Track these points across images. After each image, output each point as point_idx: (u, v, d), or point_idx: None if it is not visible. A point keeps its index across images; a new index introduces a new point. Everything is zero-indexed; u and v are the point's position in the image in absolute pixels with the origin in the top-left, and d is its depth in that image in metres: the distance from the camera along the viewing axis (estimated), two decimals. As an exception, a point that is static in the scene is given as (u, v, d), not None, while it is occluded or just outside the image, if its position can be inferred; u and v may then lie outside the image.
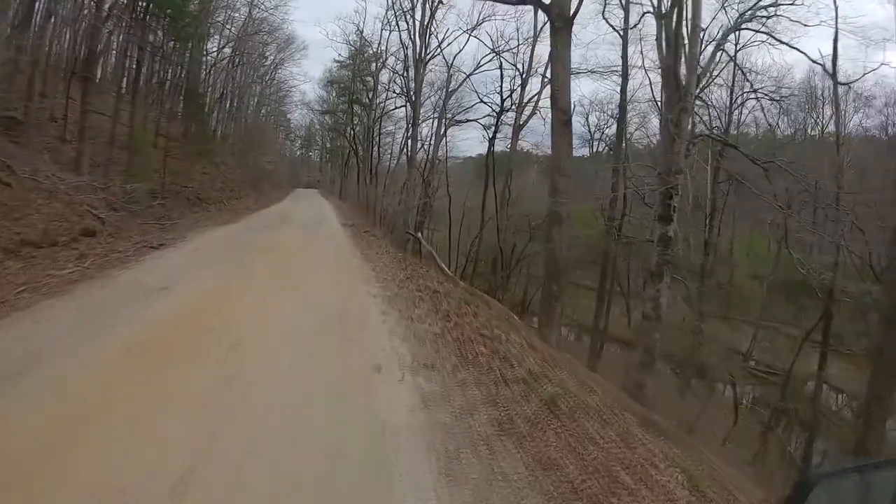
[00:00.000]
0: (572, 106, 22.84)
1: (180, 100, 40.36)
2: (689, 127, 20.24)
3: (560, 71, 21.45)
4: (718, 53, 25.40)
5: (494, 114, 39.87)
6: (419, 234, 29.44)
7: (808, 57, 25.52)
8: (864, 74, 25.82)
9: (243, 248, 18.55)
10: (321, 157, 77.21)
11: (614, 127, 37.87)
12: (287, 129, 72.88)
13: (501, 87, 38.79)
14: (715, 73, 28.04)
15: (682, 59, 18.76)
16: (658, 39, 21.06)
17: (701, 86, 24.08)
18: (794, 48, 24.76)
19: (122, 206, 20.21)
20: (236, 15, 43.33)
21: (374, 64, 47.16)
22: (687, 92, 17.98)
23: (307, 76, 79.09)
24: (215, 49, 43.07)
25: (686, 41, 18.66)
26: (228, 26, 43.14)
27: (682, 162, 18.12)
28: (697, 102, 25.15)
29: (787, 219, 25.05)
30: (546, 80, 36.43)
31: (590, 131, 45.99)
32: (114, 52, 32.93)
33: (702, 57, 21.92)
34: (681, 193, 18.40)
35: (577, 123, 46.19)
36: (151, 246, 15.83)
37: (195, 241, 18.57)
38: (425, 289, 14.29)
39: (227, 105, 50.44)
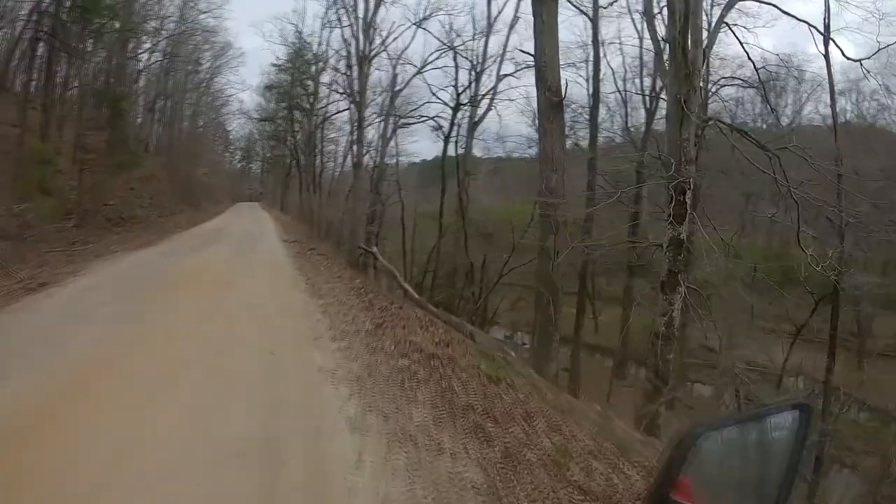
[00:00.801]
0: (564, 85, 18.21)
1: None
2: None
3: (547, 44, 17.76)
4: (721, 28, 20.43)
5: (447, 113, 35.37)
6: (374, 249, 24.03)
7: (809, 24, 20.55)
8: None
9: (151, 284, 13.49)
10: (262, 169, 71.41)
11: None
12: (226, 141, 66.87)
13: (457, 80, 33.60)
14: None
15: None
16: (647, 12, 17.60)
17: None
18: (791, 15, 19.91)
19: (14, 231, 16.37)
20: (168, 17, 38.79)
21: (314, 66, 42.16)
22: (694, 68, 14.12)
23: (245, 84, 72.72)
24: (145, 53, 38.63)
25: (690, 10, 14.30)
26: (162, 30, 38.64)
27: (693, 150, 14.44)
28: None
29: (796, 212, 20.09)
30: (503, 74, 33.30)
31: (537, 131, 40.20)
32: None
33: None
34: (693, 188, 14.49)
35: (522, 125, 41.24)
36: (29, 288, 11.49)
37: (95, 273, 14.01)
38: (413, 350, 8.75)
39: (160, 115, 45.41)
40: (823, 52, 21.34)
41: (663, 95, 20.79)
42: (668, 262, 13.60)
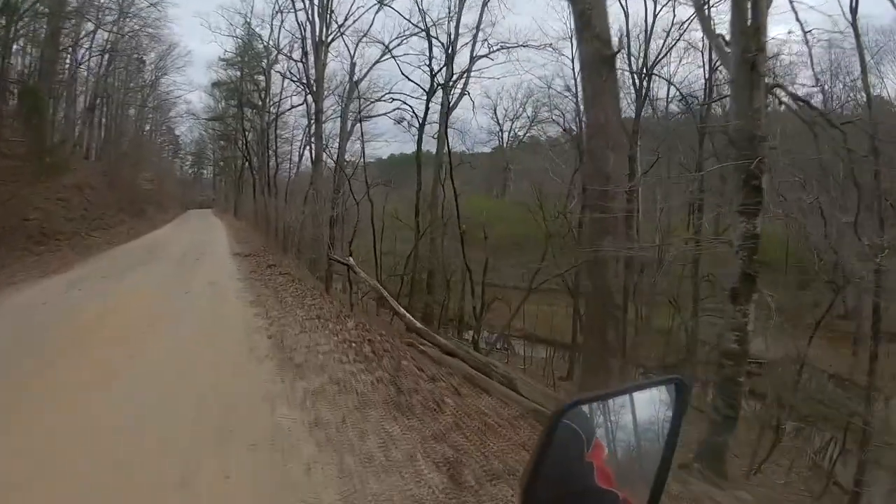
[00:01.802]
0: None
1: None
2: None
3: (595, -18, 12.44)
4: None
5: (413, 102, 30.15)
6: (350, 260, 18.04)
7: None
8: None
9: (28, 348, 7.88)
10: (214, 173, 64.70)
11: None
12: (176, 146, 60.09)
13: (430, 60, 27.80)
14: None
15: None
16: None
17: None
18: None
19: None
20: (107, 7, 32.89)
21: (265, 60, 36.36)
22: (763, 20, 10.76)
23: (193, 84, 65.99)
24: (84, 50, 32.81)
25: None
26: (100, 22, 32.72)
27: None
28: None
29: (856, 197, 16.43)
30: (477, 55, 28.86)
31: (498, 123, 38.20)
32: None
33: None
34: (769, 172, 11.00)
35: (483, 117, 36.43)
36: None
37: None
38: None
39: (100, 117, 39.49)
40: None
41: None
42: (743, 263, 10.08)
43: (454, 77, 28.09)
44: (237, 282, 14.28)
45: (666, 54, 23.28)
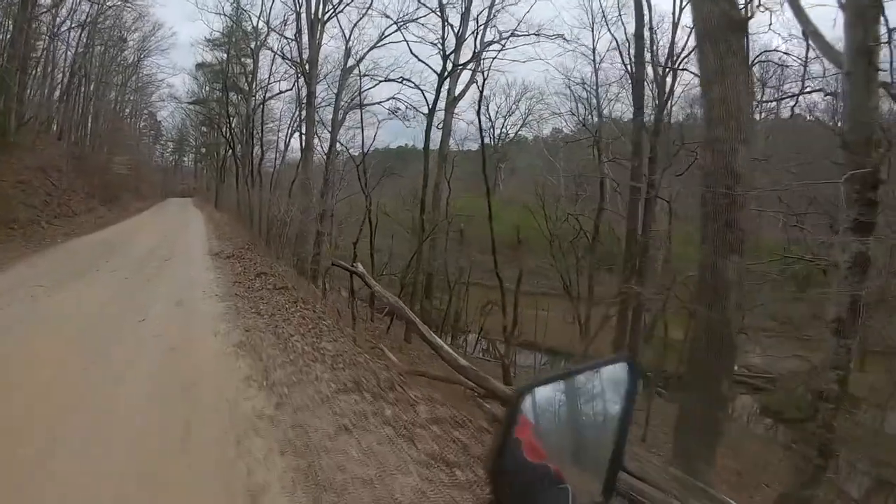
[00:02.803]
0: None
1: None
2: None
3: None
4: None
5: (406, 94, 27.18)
6: (359, 268, 13.51)
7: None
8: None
9: None
10: (195, 161, 59.60)
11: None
12: (157, 132, 54.95)
13: (443, 39, 23.29)
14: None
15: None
16: None
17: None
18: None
19: None
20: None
21: (254, 42, 31.77)
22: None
23: (176, 67, 61.36)
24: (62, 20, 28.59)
25: None
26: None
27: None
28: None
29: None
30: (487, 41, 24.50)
31: (490, 119, 33.73)
32: None
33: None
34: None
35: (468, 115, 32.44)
36: None
37: None
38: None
39: (75, 97, 34.50)
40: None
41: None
42: (852, 287, 8.27)
43: (464, 64, 23.70)
44: (216, 302, 9.56)
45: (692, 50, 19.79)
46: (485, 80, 22.32)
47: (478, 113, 21.73)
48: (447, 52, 23.09)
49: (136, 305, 8.96)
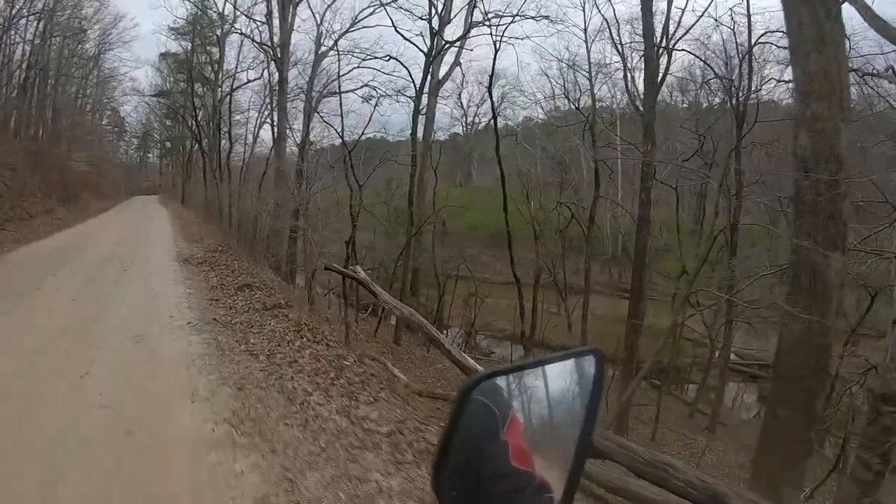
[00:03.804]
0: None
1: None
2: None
3: None
4: None
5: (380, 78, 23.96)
6: (359, 272, 10.68)
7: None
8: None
9: None
10: (161, 157, 55.84)
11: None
12: (120, 128, 51.01)
13: (430, 16, 20.42)
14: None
15: None
16: None
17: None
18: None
19: None
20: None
21: (219, 29, 28.79)
22: None
23: (140, 61, 57.55)
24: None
25: None
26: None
27: None
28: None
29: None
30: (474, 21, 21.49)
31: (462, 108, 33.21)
32: None
33: None
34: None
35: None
36: None
37: None
38: None
39: (33, 90, 31.28)
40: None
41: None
42: None
43: (452, 42, 20.87)
44: (188, 334, 6.62)
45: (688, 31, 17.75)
46: (496, 52, 19.35)
47: (489, 89, 18.85)
48: (434, 31, 20.16)
49: (78, 347, 6.06)
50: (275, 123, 23.83)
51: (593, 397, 1.24)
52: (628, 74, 20.34)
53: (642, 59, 17.43)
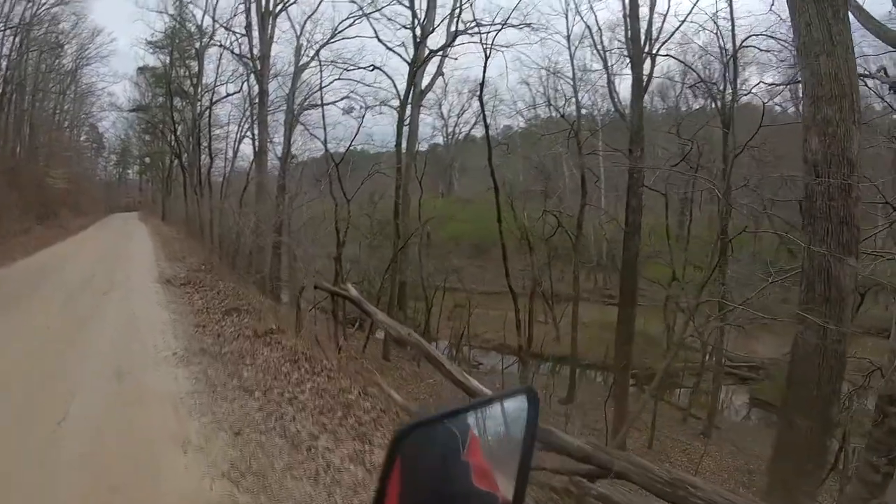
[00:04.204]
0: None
1: None
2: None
3: None
4: None
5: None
6: (351, 290, 10.07)
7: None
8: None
9: None
10: (140, 173, 54.63)
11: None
12: (98, 144, 49.83)
13: (413, 24, 19.89)
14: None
15: None
16: None
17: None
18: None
19: None
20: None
21: (198, 42, 27.90)
22: None
23: (118, 75, 56.30)
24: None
25: None
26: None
27: None
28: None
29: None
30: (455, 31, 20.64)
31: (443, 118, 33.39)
32: None
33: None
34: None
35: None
36: None
37: None
38: None
39: (9, 105, 29.97)
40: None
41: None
42: None
43: (435, 51, 20.34)
44: (174, 367, 6.00)
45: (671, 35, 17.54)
46: (487, 59, 18.64)
47: (479, 97, 18.13)
48: (417, 40, 19.57)
49: (54, 385, 5.45)
50: (255, 137, 23.17)
51: (527, 437, 1.21)
52: (612, 80, 19.99)
53: (626, 65, 17.19)
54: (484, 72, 19.56)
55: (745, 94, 17.55)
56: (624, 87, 22.47)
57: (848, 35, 7.67)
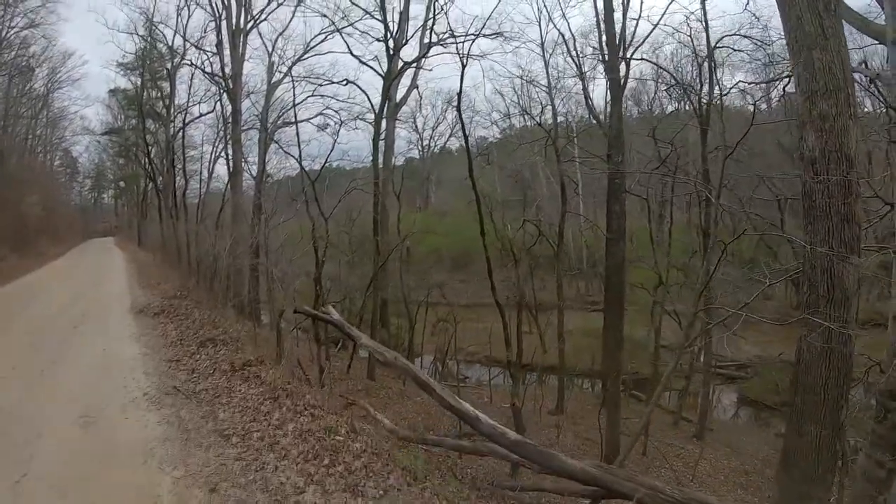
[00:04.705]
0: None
1: None
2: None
3: None
4: None
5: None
6: (333, 314, 9.53)
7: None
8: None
9: None
10: (115, 198, 53.43)
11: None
12: (73, 169, 48.66)
13: (387, 39, 19.29)
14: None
15: None
16: None
17: None
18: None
19: None
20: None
21: (169, 63, 27.04)
22: None
23: (90, 98, 55.29)
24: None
25: None
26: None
27: None
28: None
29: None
30: (429, 42, 20.05)
31: (418, 131, 33.93)
32: None
33: None
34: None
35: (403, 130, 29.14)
36: None
37: None
38: None
39: None
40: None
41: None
42: None
43: (409, 63, 19.83)
44: (145, 411, 5.46)
45: (644, 39, 17.34)
46: (464, 68, 18.00)
47: (457, 107, 17.45)
48: (391, 52, 19.01)
49: (15, 434, 4.91)
50: (230, 157, 22.52)
51: None
52: (586, 87, 19.68)
53: (600, 71, 16.93)
54: (461, 81, 19.24)
55: (725, 94, 17.34)
56: (597, 94, 22.26)
57: (840, 28, 7.23)
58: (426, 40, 20.00)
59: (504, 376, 21.09)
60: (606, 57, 15.89)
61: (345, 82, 20.80)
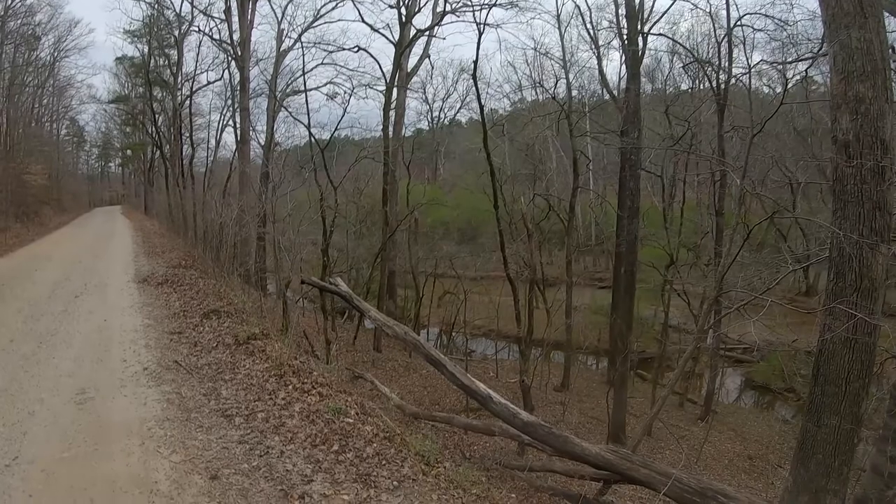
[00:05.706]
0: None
1: None
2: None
3: None
4: None
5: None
6: (341, 285, 9.22)
7: None
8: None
9: None
10: (122, 166, 52.97)
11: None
12: (79, 138, 48.15)
13: (399, 3, 18.77)
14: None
15: None
16: None
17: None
18: None
19: None
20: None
21: (177, 30, 26.51)
22: None
23: (96, 67, 54.72)
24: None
25: None
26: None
27: None
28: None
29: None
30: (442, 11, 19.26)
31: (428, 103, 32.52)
32: None
33: None
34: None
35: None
36: None
37: None
38: None
39: None
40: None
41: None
42: None
43: (422, 31, 19.31)
44: (145, 387, 5.15)
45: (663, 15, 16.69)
46: (480, 35, 17.29)
47: (473, 76, 16.70)
48: (403, 20, 18.46)
49: (8, 413, 4.61)
50: (237, 125, 22.17)
51: None
52: (601, 61, 19.15)
53: (615, 46, 16.44)
54: (478, 48, 18.85)
55: (751, 70, 16.76)
56: (611, 69, 21.73)
57: (879, 7, 6.84)
58: (439, 9, 19.52)
59: (509, 350, 20.89)
60: (625, 29, 15.39)
61: (356, 49, 20.34)
